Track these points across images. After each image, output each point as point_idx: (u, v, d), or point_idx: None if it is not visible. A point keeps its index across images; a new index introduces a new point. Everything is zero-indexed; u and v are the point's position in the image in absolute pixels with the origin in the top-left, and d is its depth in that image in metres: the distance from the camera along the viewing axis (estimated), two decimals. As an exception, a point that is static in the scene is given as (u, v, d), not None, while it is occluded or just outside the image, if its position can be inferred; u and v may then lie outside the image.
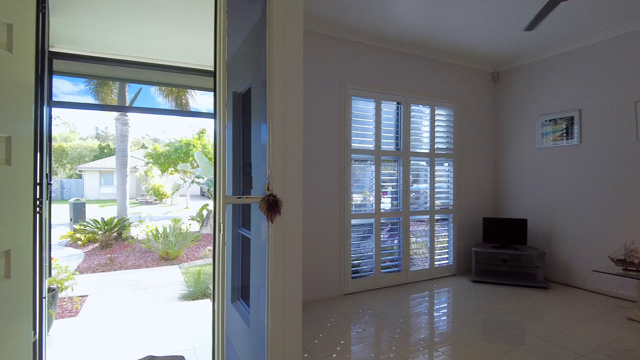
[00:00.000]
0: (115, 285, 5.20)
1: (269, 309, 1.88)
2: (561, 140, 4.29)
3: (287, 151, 1.87)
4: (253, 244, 2.35)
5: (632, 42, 3.69)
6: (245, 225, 2.74)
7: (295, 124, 1.90)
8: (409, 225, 4.31)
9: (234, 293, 2.95)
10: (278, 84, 1.88)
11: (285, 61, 1.91)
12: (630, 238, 3.62)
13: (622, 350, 2.61)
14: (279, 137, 1.85)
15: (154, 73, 3.87)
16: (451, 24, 3.70)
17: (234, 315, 2.81)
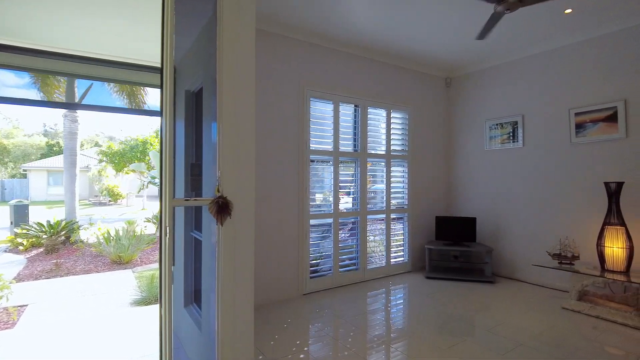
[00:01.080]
0: (61, 293, 4.88)
1: (219, 312, 1.85)
2: (507, 143, 4.58)
3: (239, 152, 1.85)
4: (204, 247, 2.31)
5: (568, 54, 4.01)
6: (198, 227, 2.68)
7: (247, 123, 1.89)
8: (366, 225, 4.41)
9: (186, 297, 2.87)
10: (229, 82, 1.86)
11: (236, 59, 1.89)
12: (565, 234, 3.94)
13: (556, 337, 2.83)
14: (229, 137, 1.83)
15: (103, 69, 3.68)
16: (406, 31, 3.83)
17: (187, 319, 2.74)
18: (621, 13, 3.44)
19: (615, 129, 3.63)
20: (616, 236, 3.29)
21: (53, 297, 4.70)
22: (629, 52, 3.56)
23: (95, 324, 3.39)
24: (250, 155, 1.87)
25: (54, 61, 3.38)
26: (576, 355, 2.55)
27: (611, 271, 3.31)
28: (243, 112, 1.86)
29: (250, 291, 1.90)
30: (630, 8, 3.33)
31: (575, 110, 3.91)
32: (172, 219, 1.73)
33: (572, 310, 3.39)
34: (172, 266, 1.76)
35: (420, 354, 2.57)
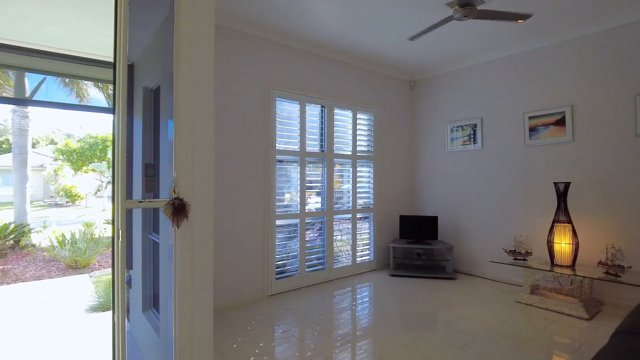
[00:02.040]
0: (8, 301, 4.55)
1: (176, 317, 1.80)
2: (467, 145, 4.76)
3: (196, 151, 1.81)
4: (162, 250, 2.23)
5: (522, 61, 4.24)
6: (156, 230, 2.59)
7: (206, 122, 1.84)
8: (332, 224, 4.44)
9: (145, 302, 2.77)
10: (186, 79, 1.81)
11: (194, 55, 1.84)
12: (519, 231, 4.15)
13: (510, 330, 2.98)
14: (186, 137, 1.78)
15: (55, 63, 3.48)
16: (371, 34, 3.90)
17: (145, 325, 2.64)
18: (569, 25, 3.67)
19: (564, 132, 3.87)
20: (564, 233, 3.51)
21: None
22: (576, 61, 3.81)
23: (47, 333, 3.19)
24: (209, 155, 1.83)
25: (2, 54, 3.16)
26: (528, 345, 2.70)
27: (559, 265, 3.53)
28: (201, 111, 1.81)
29: (210, 295, 1.86)
30: (577, 21, 3.57)
31: (529, 114, 4.14)
32: (125, 221, 1.66)
33: (525, 304, 3.59)
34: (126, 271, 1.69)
35: (383, 352, 2.62)
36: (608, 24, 3.56)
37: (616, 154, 3.54)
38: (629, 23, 3.46)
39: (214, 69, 3.45)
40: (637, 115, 3.41)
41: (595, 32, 3.67)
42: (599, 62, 3.66)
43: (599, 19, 3.56)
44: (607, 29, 3.59)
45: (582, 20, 3.58)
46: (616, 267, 3.13)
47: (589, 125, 3.73)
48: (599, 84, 3.65)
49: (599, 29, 3.63)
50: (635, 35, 3.44)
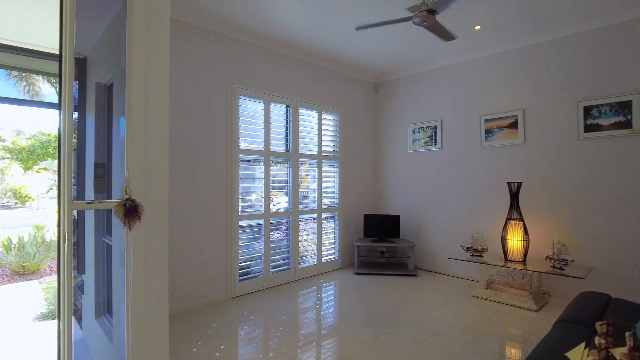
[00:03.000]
0: (-56, 312, 4.17)
1: (128, 323, 1.73)
2: (428, 146, 4.92)
3: (150, 150, 1.74)
4: (114, 254, 2.14)
5: (478, 66, 4.44)
6: (111, 232, 2.48)
7: (160, 120, 1.78)
8: (298, 224, 4.44)
9: (98, 308, 2.64)
10: (139, 74, 1.74)
11: (149, 50, 1.77)
12: (476, 229, 4.35)
13: (467, 323, 3.12)
14: (139, 135, 1.71)
15: (1, 54, 3.25)
16: (335, 35, 3.93)
17: (98, 332, 2.52)
18: (519, 34, 3.89)
19: (517, 135, 4.10)
20: (516, 230, 3.71)
21: None
22: (527, 67, 4.04)
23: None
24: (163, 154, 1.77)
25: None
26: (483, 337, 2.83)
27: (512, 261, 3.73)
28: (155, 108, 1.75)
29: (165, 299, 1.80)
30: (528, 30, 3.79)
31: (485, 117, 4.34)
32: (71, 223, 1.57)
33: (481, 298, 3.76)
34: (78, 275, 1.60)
35: (345, 350, 2.65)
36: (555, 34, 3.81)
37: (562, 156, 3.80)
38: (572, 34, 3.72)
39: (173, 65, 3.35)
40: (579, 120, 3.67)
41: (544, 41, 3.91)
42: (547, 69, 3.90)
43: (548, 29, 3.80)
44: (555, 39, 3.84)
45: (533, 29, 3.80)
46: (561, 261, 3.35)
47: (538, 129, 3.97)
48: (547, 90, 3.90)
49: (548, 38, 3.87)
50: (577, 46, 3.70)
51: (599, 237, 3.56)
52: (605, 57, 3.54)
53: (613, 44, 3.50)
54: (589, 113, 3.63)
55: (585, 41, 3.66)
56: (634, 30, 3.38)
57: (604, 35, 3.55)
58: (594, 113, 3.60)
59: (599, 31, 3.57)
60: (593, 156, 3.61)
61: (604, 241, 3.53)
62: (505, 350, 2.68)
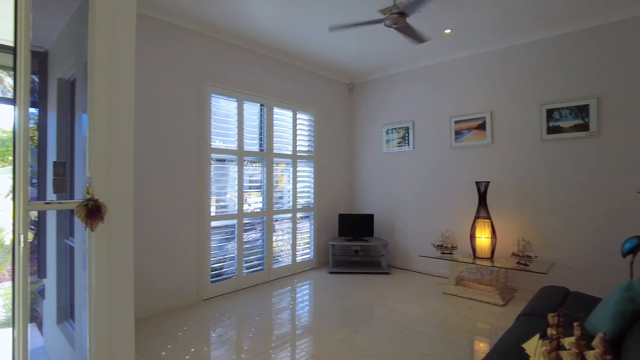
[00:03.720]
0: None
1: (91, 328, 1.66)
2: (401, 147, 5.01)
3: (114, 149, 1.68)
4: (77, 256, 2.05)
5: (449, 68, 4.56)
6: (74, 234, 2.37)
7: (125, 117, 1.73)
8: (272, 225, 4.41)
9: (61, 313, 2.53)
10: (103, 70, 1.68)
11: (113, 44, 1.72)
12: (446, 227, 4.47)
13: (437, 319, 3.19)
14: (102, 133, 1.65)
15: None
16: (309, 36, 3.93)
17: (60, 338, 2.41)
18: (486, 38, 4.03)
19: (485, 136, 4.24)
20: (484, 228, 3.84)
21: None
22: (494, 71, 4.19)
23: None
24: (128, 153, 1.72)
25: None
26: (452, 332, 2.91)
27: (480, 258, 3.86)
28: (119, 105, 1.69)
29: (130, 303, 1.75)
30: (493, 35, 3.93)
31: (455, 118, 4.47)
32: (27, 225, 1.50)
33: (451, 294, 3.87)
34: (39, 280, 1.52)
35: (317, 348, 2.66)
36: (520, 39, 3.97)
37: (527, 156, 3.96)
38: (536, 40, 3.89)
39: (140, 61, 3.25)
40: (543, 122, 3.84)
41: (509, 46, 4.07)
42: (513, 73, 4.06)
43: (513, 35, 3.95)
44: (519, 44, 4.00)
45: (500, 35, 3.95)
46: (525, 258, 3.49)
47: (505, 130, 4.12)
48: (513, 93, 4.06)
49: (513, 43, 4.03)
50: (540, 51, 3.87)
51: (560, 234, 3.74)
52: (566, 63, 3.73)
53: (573, 50, 3.69)
54: (551, 116, 3.80)
55: (547, 47, 3.84)
56: (592, 38, 3.58)
57: (565, 42, 3.73)
58: (555, 116, 3.78)
59: (560, 38, 3.75)
60: (555, 157, 3.79)
61: (565, 238, 3.71)
62: (473, 344, 2.77)
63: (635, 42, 3.35)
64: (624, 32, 3.40)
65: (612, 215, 3.46)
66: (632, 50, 3.37)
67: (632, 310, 1.57)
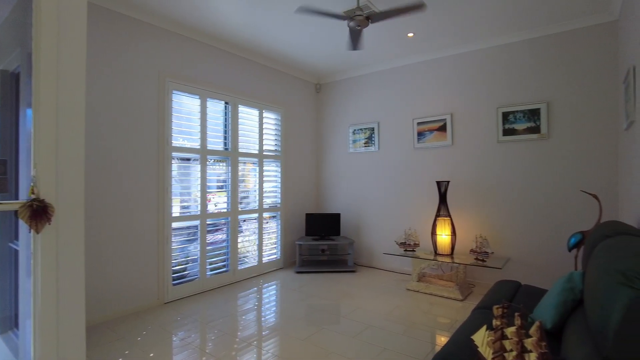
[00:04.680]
0: None
1: (36, 338, 1.56)
2: (367, 147, 5.10)
3: (62, 146, 1.59)
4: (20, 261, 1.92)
5: (412, 71, 4.69)
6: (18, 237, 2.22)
7: (75, 113, 1.63)
8: (237, 225, 4.34)
9: (4, 322, 2.35)
10: (49, 60, 1.58)
11: (60, 33, 1.62)
12: (409, 225, 4.60)
13: (400, 315, 3.28)
14: (48, 129, 1.55)
15: None
16: (275, 34, 3.91)
17: (3, 349, 2.24)
18: (448, 43, 4.18)
19: (445, 137, 4.40)
20: (444, 225, 3.99)
21: None
22: (454, 74, 4.36)
23: None
24: (78, 151, 1.63)
25: None
26: (414, 327, 3.00)
27: (441, 255, 4.00)
28: (68, 99, 1.60)
29: (80, 309, 1.66)
30: (454, 40, 4.09)
31: (417, 120, 4.61)
32: (-39, 228, 1.38)
33: (413, 291, 3.98)
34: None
35: (280, 348, 2.65)
36: (479, 45, 4.16)
37: (484, 157, 4.16)
38: (493, 46, 4.09)
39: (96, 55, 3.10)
40: (499, 124, 4.04)
41: (469, 51, 4.25)
42: (472, 77, 4.25)
43: (472, 40, 4.13)
44: (478, 49, 4.19)
45: (460, 40, 4.11)
46: (483, 254, 3.66)
47: (464, 132, 4.30)
48: (472, 96, 4.24)
49: (473, 48, 4.22)
50: (498, 56, 4.07)
51: (515, 230, 3.95)
52: (520, 69, 3.94)
53: (526, 57, 3.91)
54: (507, 118, 4.01)
55: (503, 53, 4.04)
56: (542, 46, 3.81)
57: (518, 49, 3.95)
58: (510, 118, 3.99)
59: (514, 45, 3.97)
60: (510, 157, 4.00)
61: (519, 234, 3.93)
62: (433, 338, 2.86)
63: (579, 51, 3.61)
64: (570, 42, 3.65)
65: (560, 212, 3.70)
66: (577, 59, 3.62)
67: (572, 300, 1.69)
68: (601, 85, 3.50)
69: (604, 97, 3.49)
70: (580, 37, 3.60)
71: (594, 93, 3.54)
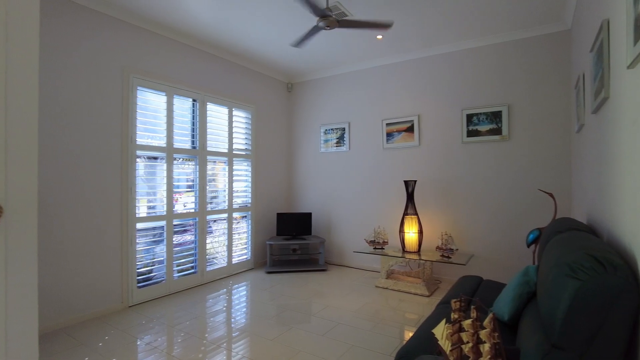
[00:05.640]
0: None
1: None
2: (338, 147, 5.14)
3: (12, 143, 1.50)
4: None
5: (381, 73, 4.78)
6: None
7: (26, 109, 1.55)
8: (205, 225, 4.25)
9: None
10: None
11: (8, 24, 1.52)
12: (378, 224, 4.68)
13: (369, 312, 3.33)
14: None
15: None
16: (246, 32, 3.86)
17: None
18: (415, 46, 4.29)
19: (413, 138, 4.52)
20: (412, 223, 4.09)
21: None
22: (421, 77, 4.49)
23: None
24: (30, 148, 1.54)
25: None
26: (382, 324, 3.05)
27: (409, 252, 4.10)
28: (18, 95, 1.51)
29: (33, 316, 1.57)
30: (421, 43, 4.20)
31: (386, 121, 4.70)
32: None
33: (382, 288, 4.06)
34: None
35: (248, 349, 2.63)
36: (445, 49, 4.30)
37: (449, 157, 4.30)
38: (458, 50, 4.24)
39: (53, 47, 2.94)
40: (463, 126, 4.20)
41: (436, 54, 4.38)
42: (438, 80, 4.38)
43: (439, 44, 4.26)
44: (445, 53, 4.33)
45: (426, 43, 4.23)
46: (448, 250, 3.79)
47: (431, 133, 4.43)
48: (438, 98, 4.38)
49: (439, 52, 4.35)
50: (462, 60, 4.22)
51: (478, 227, 4.12)
52: (484, 73, 4.11)
53: (488, 61, 4.08)
54: (471, 120, 4.17)
55: (467, 57, 4.20)
56: (503, 51, 3.99)
57: (481, 53, 4.11)
58: (474, 120, 4.15)
59: (477, 50, 4.13)
60: (473, 158, 4.16)
61: (482, 231, 4.10)
62: (401, 334, 2.93)
63: (537, 58, 3.81)
64: (529, 49, 3.85)
65: (520, 209, 3.89)
66: (535, 65, 3.82)
67: (527, 292, 1.79)
68: (556, 90, 3.72)
69: (559, 102, 3.70)
70: (538, 45, 3.80)
71: (550, 97, 3.75)
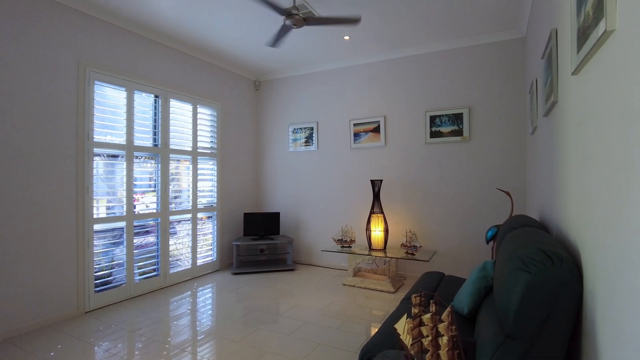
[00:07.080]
0: None
1: None
2: (307, 146, 5.15)
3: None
4: None
5: (348, 73, 4.84)
6: None
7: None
8: (168, 226, 4.12)
9: None
10: None
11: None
12: (346, 222, 4.74)
13: (336, 310, 3.36)
14: None
15: None
16: (212, 28, 3.77)
17: None
18: (381, 48, 4.38)
19: (379, 138, 4.61)
20: (378, 222, 4.17)
21: None
22: (387, 78, 4.58)
23: None
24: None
25: None
26: (349, 321, 3.09)
27: (375, 250, 4.18)
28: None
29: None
30: (386, 45, 4.29)
31: (354, 121, 4.76)
32: None
33: (349, 285, 4.11)
34: None
35: (212, 352, 2.57)
36: (408, 52, 4.42)
37: (413, 157, 4.43)
38: (422, 53, 4.37)
39: None
40: (427, 127, 4.33)
41: (400, 57, 4.49)
42: (404, 82, 4.50)
43: (402, 47, 4.37)
44: (409, 55, 4.45)
45: (391, 46, 4.32)
46: (412, 248, 3.90)
47: (396, 133, 4.54)
48: (403, 99, 4.49)
49: (403, 54, 4.46)
50: (426, 63, 4.36)
51: (441, 225, 4.27)
52: (446, 76, 4.26)
53: (450, 65, 4.24)
54: (434, 122, 4.31)
55: (430, 60, 4.34)
56: (465, 55, 4.16)
57: (444, 57, 4.27)
58: (437, 122, 4.30)
59: (440, 53, 4.28)
60: (436, 158, 4.31)
61: (444, 228, 4.25)
62: (368, 331, 2.98)
63: (495, 63, 4.00)
64: (488, 54, 4.04)
65: (480, 208, 4.08)
66: (494, 69, 4.01)
67: (485, 287, 1.87)
68: (513, 94, 3.93)
69: (516, 105, 3.91)
70: (497, 50, 4.00)
71: (508, 101, 3.95)
